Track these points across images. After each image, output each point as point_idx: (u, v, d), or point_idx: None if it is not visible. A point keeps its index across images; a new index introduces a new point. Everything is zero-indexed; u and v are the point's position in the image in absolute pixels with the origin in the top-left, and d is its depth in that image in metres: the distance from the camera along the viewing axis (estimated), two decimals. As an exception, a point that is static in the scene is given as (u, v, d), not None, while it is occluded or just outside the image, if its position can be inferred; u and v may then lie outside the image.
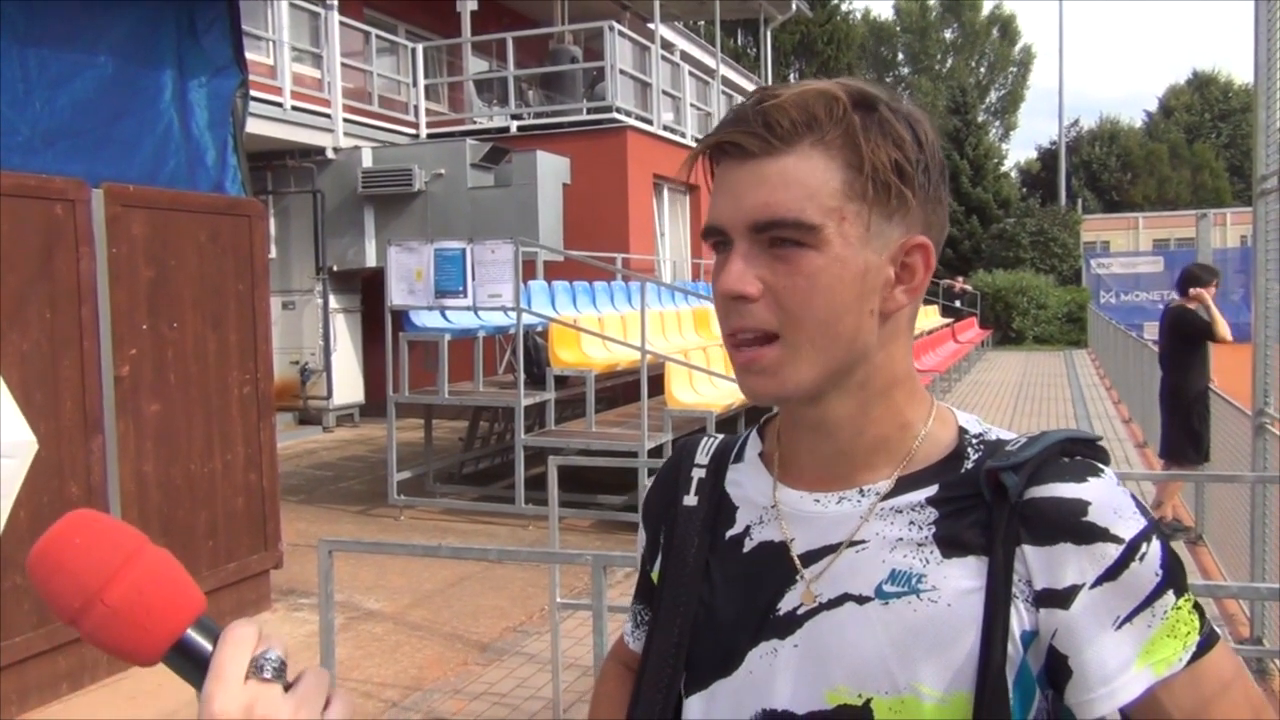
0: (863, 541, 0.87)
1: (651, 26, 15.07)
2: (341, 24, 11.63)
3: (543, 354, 7.92)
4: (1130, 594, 0.80)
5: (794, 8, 19.61)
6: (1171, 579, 0.81)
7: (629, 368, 8.06)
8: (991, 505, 0.84)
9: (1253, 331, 4.76)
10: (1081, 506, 0.81)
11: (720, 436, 1.06)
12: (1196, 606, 0.83)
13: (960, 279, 25.27)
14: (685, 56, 17.71)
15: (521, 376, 7.60)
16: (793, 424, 0.93)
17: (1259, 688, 0.84)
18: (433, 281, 7.41)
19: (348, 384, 12.09)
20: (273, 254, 10.32)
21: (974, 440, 0.90)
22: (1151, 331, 13.88)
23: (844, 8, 37.77)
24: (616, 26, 12.47)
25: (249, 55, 5.65)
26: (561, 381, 7.83)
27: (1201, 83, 44.84)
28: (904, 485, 0.88)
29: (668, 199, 13.96)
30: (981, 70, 47.61)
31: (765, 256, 0.84)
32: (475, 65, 14.03)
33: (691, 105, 14.96)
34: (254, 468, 5.25)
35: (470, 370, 8.25)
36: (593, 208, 11.77)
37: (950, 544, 0.84)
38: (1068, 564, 0.81)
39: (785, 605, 0.89)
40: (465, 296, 7.40)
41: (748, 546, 0.93)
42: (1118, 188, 40.32)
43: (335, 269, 11.69)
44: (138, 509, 4.55)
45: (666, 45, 15.35)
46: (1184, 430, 6.42)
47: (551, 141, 11.91)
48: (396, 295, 7.54)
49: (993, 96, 47.48)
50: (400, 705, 4.27)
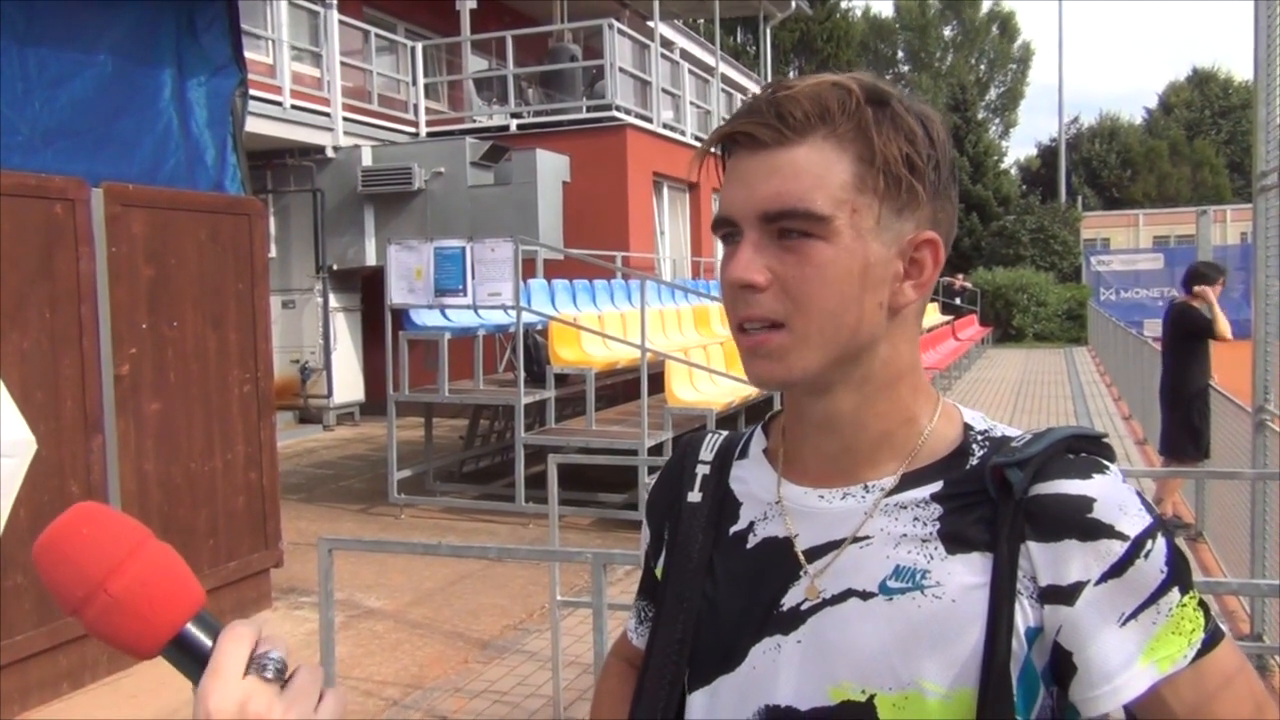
0: (867, 537, 0.87)
1: (651, 24, 15.07)
2: (341, 23, 11.63)
3: (543, 352, 7.92)
4: (1135, 591, 0.80)
5: (793, 5, 19.60)
6: (1176, 576, 0.81)
7: (629, 366, 8.05)
8: (996, 501, 0.84)
9: (1253, 328, 4.75)
10: (1086, 503, 0.81)
11: (724, 433, 1.06)
12: (1201, 603, 0.82)
13: (960, 276, 25.28)
14: (685, 54, 17.71)
15: (521, 375, 7.61)
16: (797, 418, 0.93)
17: (1262, 684, 0.83)
18: (433, 280, 7.41)
19: (348, 383, 12.09)
20: (272, 253, 10.32)
21: (979, 436, 0.90)
22: (1151, 328, 13.87)
23: (844, 5, 37.81)
24: (616, 24, 12.46)
25: (248, 54, 5.65)
26: (561, 380, 7.83)
27: (1201, 79, 44.83)
28: (908, 481, 0.88)
29: (667, 197, 13.95)
30: (981, 67, 47.54)
31: (775, 247, 0.84)
32: (475, 64, 14.03)
33: (691, 103, 14.95)
34: (254, 466, 5.25)
35: (470, 369, 8.25)
36: (592, 206, 11.76)
37: (955, 540, 0.84)
38: (1072, 560, 0.80)
39: (789, 601, 0.89)
40: (465, 295, 7.40)
41: (751, 542, 0.93)
42: (1118, 184, 40.31)
43: (335, 268, 11.69)
44: (138, 508, 4.54)
45: (666, 43, 15.34)
46: (1184, 427, 6.41)
47: (551, 140, 11.90)
48: (396, 294, 7.54)
49: (992, 93, 47.40)
50: (401, 703, 4.27)
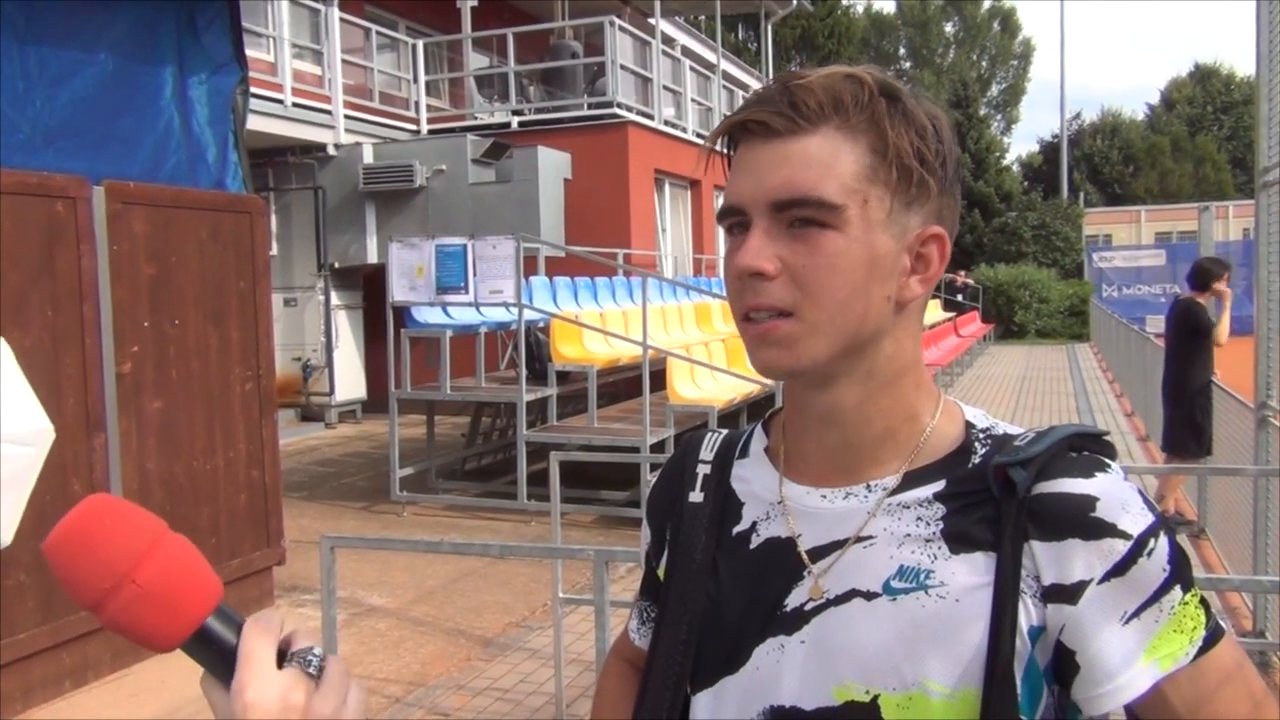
0: (870, 537, 0.87)
1: (652, 21, 15.05)
2: (342, 20, 11.62)
3: (544, 349, 7.93)
4: (1138, 589, 0.80)
5: (795, 2, 19.61)
6: (1179, 574, 0.81)
7: (631, 363, 8.05)
8: (999, 501, 0.84)
9: (1255, 325, 4.74)
10: (1089, 502, 0.81)
11: (724, 432, 1.05)
12: (1203, 601, 0.82)
13: (962, 273, 25.25)
14: (686, 51, 17.70)
15: (523, 372, 7.61)
16: (798, 413, 0.92)
17: (1262, 680, 0.83)
18: (434, 278, 7.41)
19: (350, 380, 12.10)
20: (274, 251, 10.33)
21: (981, 435, 0.90)
22: (1153, 325, 13.86)
23: (845, 1, 37.73)
24: (617, 22, 12.44)
25: (249, 52, 5.65)
26: (563, 377, 7.83)
27: (1203, 75, 44.81)
28: (911, 481, 0.88)
29: (669, 194, 13.94)
30: (983, 64, 47.51)
31: (785, 236, 0.83)
32: (476, 61, 14.02)
33: (692, 100, 14.93)
34: (256, 464, 5.26)
35: (472, 366, 8.25)
36: (594, 203, 11.75)
37: (958, 540, 0.84)
38: (1075, 559, 0.80)
39: (792, 601, 0.88)
40: (467, 292, 7.40)
41: (754, 543, 0.93)
42: (1120, 181, 40.28)
43: (337, 265, 11.69)
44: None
45: (667, 40, 15.33)
46: (1186, 424, 6.41)
47: (552, 137, 11.89)
48: (398, 291, 7.54)
49: (994, 90, 47.38)
50: (404, 701, 4.27)
